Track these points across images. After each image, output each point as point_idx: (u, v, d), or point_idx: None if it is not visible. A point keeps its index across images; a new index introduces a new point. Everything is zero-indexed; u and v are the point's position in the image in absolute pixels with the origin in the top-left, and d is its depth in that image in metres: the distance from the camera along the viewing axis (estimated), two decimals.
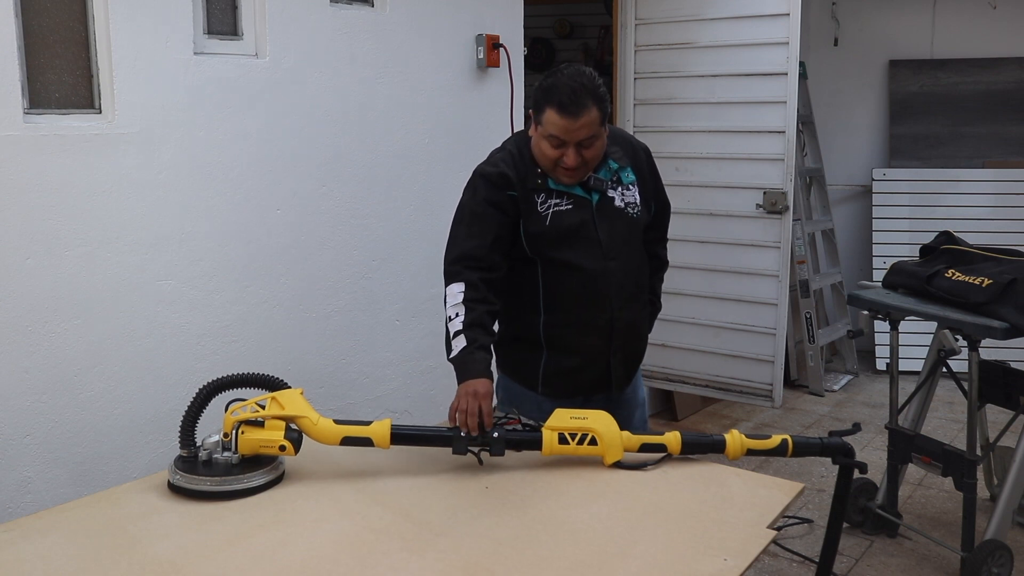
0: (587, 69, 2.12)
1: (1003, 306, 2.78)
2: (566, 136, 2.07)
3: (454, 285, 2.12)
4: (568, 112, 2.05)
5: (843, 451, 2.08)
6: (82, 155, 2.40)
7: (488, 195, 2.16)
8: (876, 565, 3.14)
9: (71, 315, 2.42)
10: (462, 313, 2.07)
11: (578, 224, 2.18)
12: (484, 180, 2.18)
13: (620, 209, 2.24)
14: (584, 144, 2.09)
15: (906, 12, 5.56)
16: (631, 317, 2.29)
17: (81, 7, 2.43)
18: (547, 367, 2.27)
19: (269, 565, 1.57)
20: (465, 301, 2.08)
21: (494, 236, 2.15)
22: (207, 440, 1.91)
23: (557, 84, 2.07)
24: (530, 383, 2.31)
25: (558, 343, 2.26)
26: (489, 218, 2.15)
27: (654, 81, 4.58)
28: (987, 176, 5.34)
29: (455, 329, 2.07)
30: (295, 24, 2.87)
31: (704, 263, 4.52)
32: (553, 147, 2.10)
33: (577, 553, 1.62)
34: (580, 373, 2.28)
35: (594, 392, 2.33)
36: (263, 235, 2.86)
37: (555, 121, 2.07)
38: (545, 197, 2.18)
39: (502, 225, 2.16)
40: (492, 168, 2.19)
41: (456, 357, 2.06)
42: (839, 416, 4.70)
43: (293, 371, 2.89)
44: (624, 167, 2.27)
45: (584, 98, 2.05)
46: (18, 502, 2.35)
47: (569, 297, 2.22)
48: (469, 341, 2.04)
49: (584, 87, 2.06)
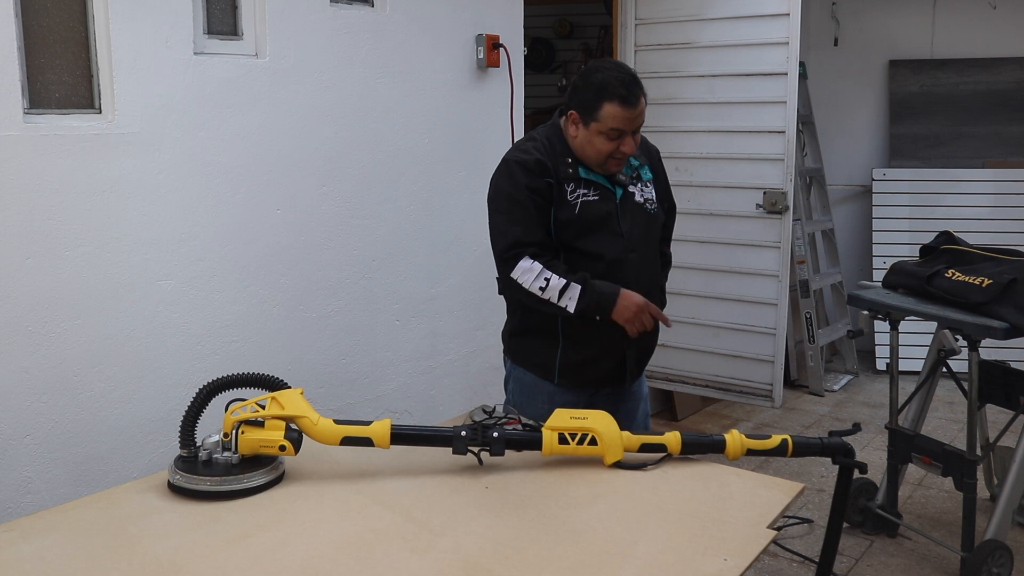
0: (622, 62, 2.28)
1: (1003, 306, 2.78)
2: (627, 126, 2.19)
3: (521, 264, 2.19)
4: (629, 103, 2.16)
5: (843, 451, 2.08)
6: (82, 155, 2.40)
7: (528, 182, 2.21)
8: (876, 565, 3.14)
9: (71, 315, 2.42)
10: (550, 275, 2.17)
11: (604, 215, 2.27)
12: (521, 167, 2.23)
13: (640, 204, 2.33)
14: (636, 131, 2.22)
15: (906, 12, 5.56)
16: None
17: (81, 7, 2.43)
18: (563, 358, 2.34)
19: (269, 565, 1.57)
20: (545, 267, 2.18)
21: (536, 221, 2.22)
22: (207, 440, 1.90)
23: (608, 80, 2.17)
24: (545, 374, 2.37)
25: (575, 334, 2.31)
26: (529, 204, 2.22)
27: (654, 81, 4.57)
28: (987, 176, 5.34)
29: (559, 287, 2.17)
30: (295, 24, 2.87)
31: (704, 263, 4.52)
32: (610, 140, 2.19)
33: (577, 553, 1.62)
34: (595, 364, 2.35)
35: (607, 384, 2.39)
36: (263, 235, 2.86)
37: (617, 114, 2.16)
38: (575, 187, 2.26)
39: (542, 210, 2.23)
40: (528, 156, 2.24)
41: (583, 299, 2.17)
42: (839, 416, 4.70)
43: (293, 371, 2.89)
44: (643, 164, 2.38)
45: (637, 87, 2.19)
46: (18, 502, 2.35)
47: None
48: (579, 281, 2.17)
49: (633, 77, 2.20)
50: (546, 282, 2.17)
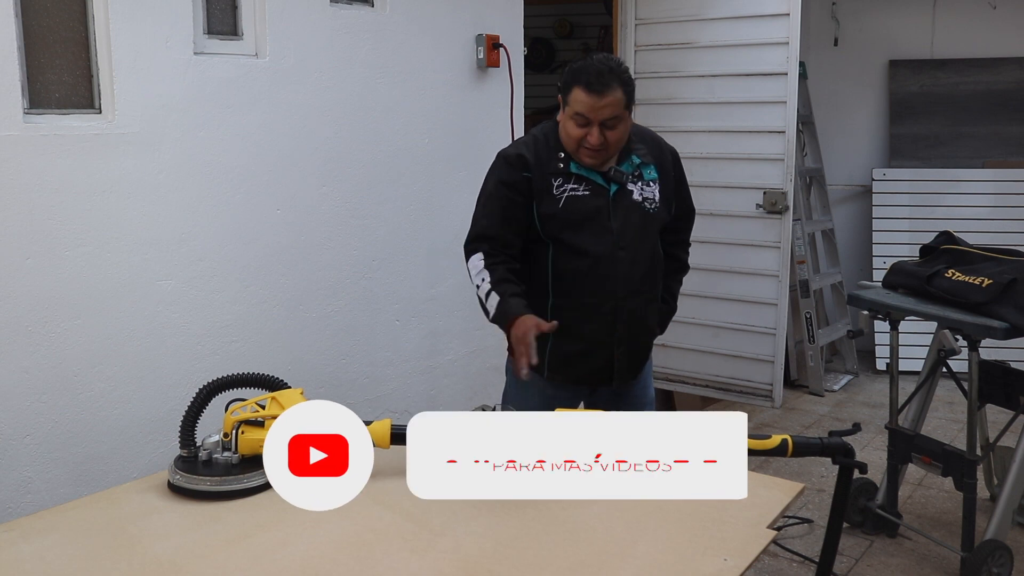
0: (616, 56, 2.24)
1: (1003, 306, 2.77)
2: (591, 114, 2.16)
3: (473, 258, 2.27)
4: (594, 90, 2.14)
5: (843, 451, 2.08)
6: (82, 155, 2.40)
7: (503, 176, 2.28)
8: (876, 565, 3.14)
9: (71, 315, 2.42)
10: (487, 276, 2.22)
11: (592, 210, 2.26)
12: (503, 161, 2.30)
13: (637, 203, 2.30)
14: (608, 124, 2.17)
15: (906, 12, 5.56)
16: (637, 309, 2.33)
17: (81, 7, 2.43)
18: (552, 352, 2.34)
19: (269, 565, 1.57)
20: (487, 266, 2.23)
21: (505, 215, 2.26)
22: (207, 440, 1.90)
23: (586, 66, 2.18)
24: (537, 368, 2.34)
25: (564, 328, 2.30)
26: (502, 198, 2.27)
27: (654, 81, 4.58)
28: (987, 176, 5.33)
29: (485, 291, 2.21)
30: (295, 24, 2.87)
31: (704, 263, 4.51)
32: (578, 126, 2.19)
33: (577, 553, 1.62)
34: (583, 360, 2.34)
35: (598, 383, 2.38)
36: (263, 235, 2.86)
37: (582, 99, 2.15)
38: (563, 181, 2.26)
39: (514, 204, 2.26)
40: (512, 150, 2.31)
41: (496, 311, 2.18)
42: (839, 416, 4.70)
43: (293, 371, 2.89)
44: (648, 164, 2.34)
45: (610, 78, 2.15)
46: (18, 502, 2.35)
47: (576, 281, 2.29)
48: (501, 294, 2.19)
49: (611, 69, 2.16)
50: (482, 281, 2.23)
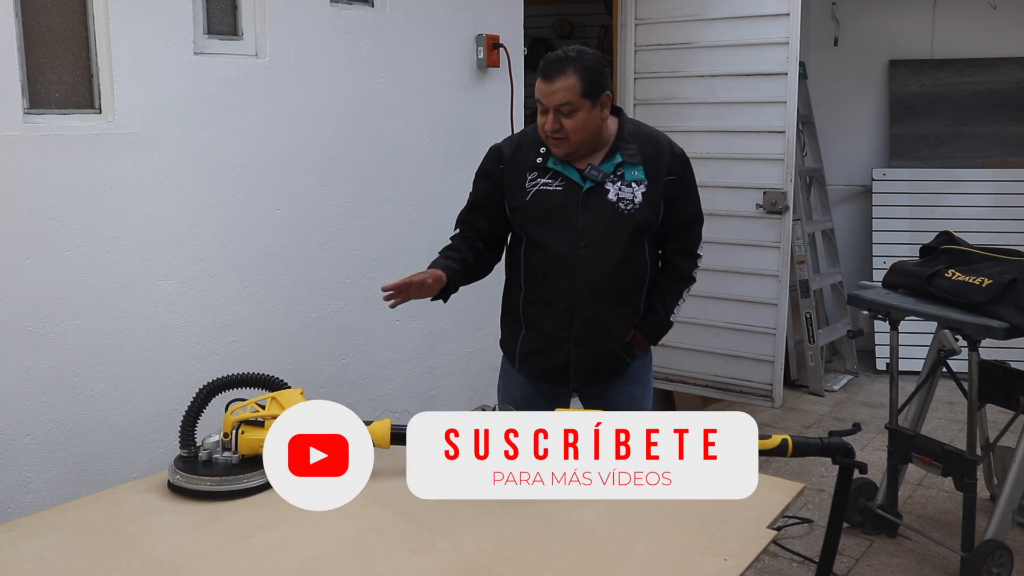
0: (590, 49, 2.22)
1: (1003, 306, 2.78)
2: (544, 99, 2.18)
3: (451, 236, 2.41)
4: (544, 75, 2.17)
5: (843, 451, 2.08)
6: (82, 155, 2.40)
7: (482, 166, 2.38)
8: (876, 565, 3.14)
9: (71, 315, 2.42)
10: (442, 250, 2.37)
11: (557, 206, 2.26)
12: (488, 153, 2.39)
13: (611, 202, 2.25)
14: (562, 111, 2.17)
15: (906, 12, 5.56)
16: (597, 311, 2.29)
17: (81, 7, 2.43)
18: (522, 344, 2.40)
19: (269, 565, 1.57)
20: (448, 246, 2.37)
21: (477, 202, 2.38)
22: (207, 440, 1.90)
23: (547, 55, 2.21)
24: (511, 358, 2.46)
25: (530, 321, 2.38)
26: (478, 187, 2.39)
27: (654, 81, 4.58)
28: (987, 176, 5.33)
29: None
30: (295, 24, 2.87)
31: (704, 263, 4.50)
32: (541, 114, 2.22)
33: (577, 553, 1.62)
34: (543, 356, 2.37)
35: (558, 381, 2.39)
36: (263, 235, 2.86)
37: (537, 85, 2.19)
38: (536, 175, 2.29)
39: (487, 194, 2.35)
40: (497, 143, 2.39)
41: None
42: (839, 416, 4.70)
43: (293, 371, 2.89)
44: (634, 164, 2.26)
45: (563, 65, 2.15)
46: (18, 502, 2.35)
47: (539, 275, 2.33)
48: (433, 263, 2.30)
49: (568, 57, 2.17)
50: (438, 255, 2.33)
